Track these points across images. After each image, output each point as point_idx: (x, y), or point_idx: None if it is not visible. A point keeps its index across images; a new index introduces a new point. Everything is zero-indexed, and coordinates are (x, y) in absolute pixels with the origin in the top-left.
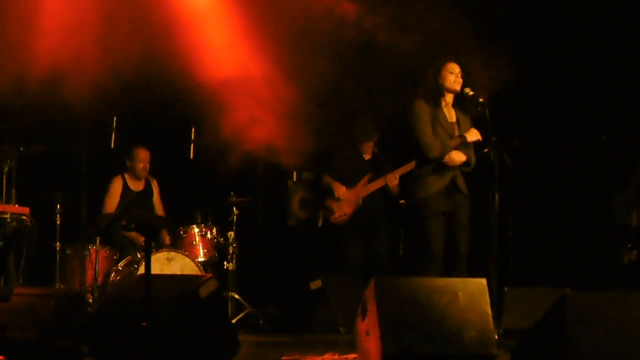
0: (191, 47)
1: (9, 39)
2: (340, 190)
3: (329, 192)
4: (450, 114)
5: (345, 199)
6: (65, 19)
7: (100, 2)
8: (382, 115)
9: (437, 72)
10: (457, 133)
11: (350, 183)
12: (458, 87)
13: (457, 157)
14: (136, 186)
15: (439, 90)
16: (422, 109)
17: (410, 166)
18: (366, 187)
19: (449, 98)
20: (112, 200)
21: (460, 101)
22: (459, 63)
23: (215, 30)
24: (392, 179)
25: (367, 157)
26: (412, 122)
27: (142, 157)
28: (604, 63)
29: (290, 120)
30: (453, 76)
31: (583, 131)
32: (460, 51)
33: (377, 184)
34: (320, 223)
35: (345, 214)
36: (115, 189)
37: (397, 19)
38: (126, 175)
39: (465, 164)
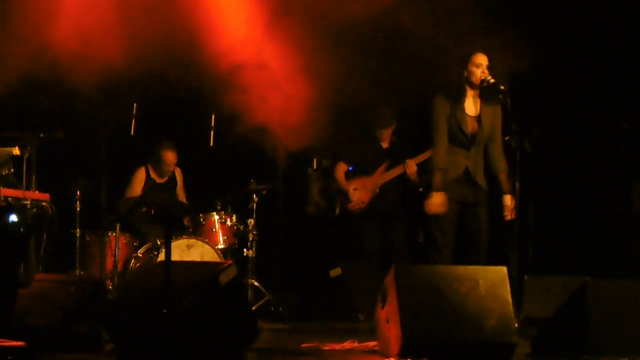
0: (212, 33)
1: (29, 25)
2: (350, 188)
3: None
4: (475, 107)
5: (360, 189)
6: (85, 4)
7: None
8: (401, 102)
9: (464, 65)
10: (475, 128)
11: (367, 171)
12: (484, 81)
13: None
14: (160, 179)
15: (463, 84)
16: (441, 108)
17: (428, 154)
18: (384, 175)
19: (475, 91)
20: (133, 191)
21: (483, 91)
22: (486, 53)
23: (236, 17)
24: (411, 166)
25: (385, 145)
26: (430, 121)
27: (168, 161)
28: (625, 51)
29: (309, 109)
30: (480, 70)
31: (604, 119)
32: (479, 36)
33: (395, 171)
34: (337, 211)
35: (362, 202)
36: (138, 180)
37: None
38: (150, 167)
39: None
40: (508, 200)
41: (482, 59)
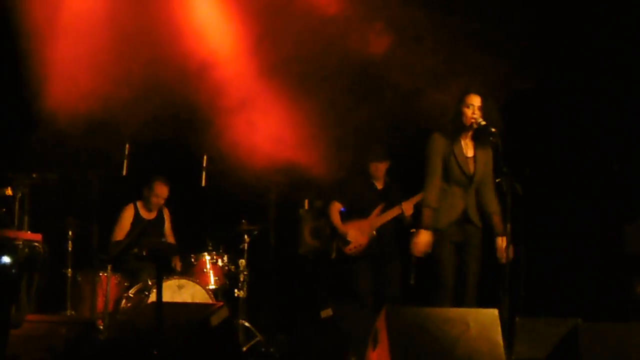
0: (205, 75)
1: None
2: (349, 231)
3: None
4: (468, 148)
5: (358, 232)
6: (78, 48)
7: (113, 32)
8: (394, 141)
9: (457, 105)
10: (472, 169)
11: (362, 213)
12: (474, 123)
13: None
14: (148, 215)
15: (459, 123)
16: (438, 147)
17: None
18: (380, 217)
19: (468, 131)
20: (123, 228)
21: (475, 133)
22: (480, 94)
23: (228, 58)
24: (408, 208)
25: (379, 186)
26: (426, 158)
27: (159, 193)
28: (616, 92)
29: (302, 149)
30: (470, 111)
31: (595, 160)
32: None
33: (392, 213)
34: (333, 255)
35: (360, 245)
36: (127, 217)
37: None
38: (139, 203)
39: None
40: (501, 242)
41: (474, 100)
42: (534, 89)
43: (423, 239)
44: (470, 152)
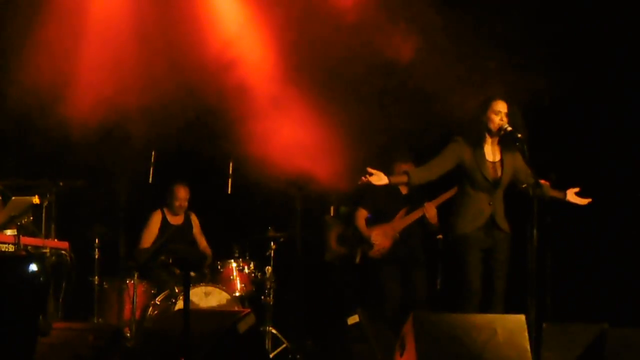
0: (229, 81)
1: (47, 74)
2: (372, 234)
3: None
4: (495, 153)
5: (382, 235)
6: (105, 56)
7: (139, 39)
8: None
9: (483, 111)
10: (499, 173)
11: (387, 217)
12: (501, 129)
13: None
14: (175, 220)
15: (482, 130)
16: (455, 150)
17: (448, 195)
18: (403, 220)
19: (494, 136)
20: (150, 234)
21: (501, 138)
22: (505, 100)
23: (256, 64)
24: (430, 209)
25: (403, 191)
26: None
27: (180, 196)
28: None
29: (327, 154)
30: (498, 117)
31: (623, 164)
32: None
33: (414, 215)
34: (358, 259)
35: (384, 248)
36: (154, 223)
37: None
38: (165, 210)
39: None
40: (570, 194)
41: (501, 106)
42: (560, 94)
43: (380, 179)
44: (496, 157)
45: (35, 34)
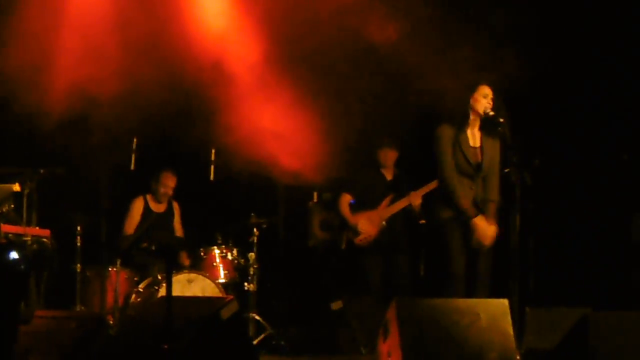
0: (211, 68)
1: (30, 61)
2: (359, 222)
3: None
4: (475, 138)
5: (368, 223)
6: (86, 41)
7: (119, 26)
8: (401, 132)
9: (470, 94)
10: (480, 158)
11: (371, 203)
12: (489, 112)
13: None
14: (157, 207)
15: (467, 113)
16: (447, 136)
17: (433, 185)
18: (389, 208)
19: (476, 121)
20: (133, 221)
21: (483, 123)
22: (490, 85)
23: (236, 51)
24: (416, 198)
25: (388, 177)
26: (436, 149)
27: (167, 183)
28: (626, 81)
29: (311, 140)
30: (486, 100)
31: (604, 150)
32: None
33: (401, 204)
34: (343, 245)
35: (370, 236)
36: (136, 209)
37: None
38: (148, 197)
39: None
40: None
41: (488, 91)
42: (542, 79)
43: (483, 226)
44: (477, 142)
45: (13, 20)
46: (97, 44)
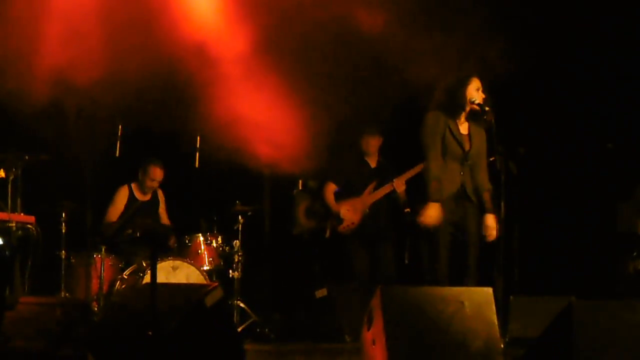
0: (197, 55)
1: (13, 47)
2: (342, 209)
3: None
4: (464, 127)
5: (351, 210)
6: (69, 27)
7: (104, 10)
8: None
9: (463, 86)
10: (467, 146)
11: (356, 191)
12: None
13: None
14: (142, 197)
15: (460, 104)
16: (436, 123)
17: (416, 170)
18: (373, 195)
19: (465, 111)
20: (116, 209)
21: (470, 112)
22: (479, 78)
23: (221, 38)
24: (399, 184)
25: (372, 164)
26: (424, 134)
27: (155, 176)
28: (610, 71)
29: (296, 128)
30: (478, 93)
31: (589, 139)
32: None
33: (384, 190)
34: (327, 234)
35: (353, 223)
36: (120, 198)
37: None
38: (133, 185)
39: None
40: (490, 219)
41: (479, 83)
42: (527, 69)
43: (432, 211)
44: (464, 130)
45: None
46: (80, 30)
